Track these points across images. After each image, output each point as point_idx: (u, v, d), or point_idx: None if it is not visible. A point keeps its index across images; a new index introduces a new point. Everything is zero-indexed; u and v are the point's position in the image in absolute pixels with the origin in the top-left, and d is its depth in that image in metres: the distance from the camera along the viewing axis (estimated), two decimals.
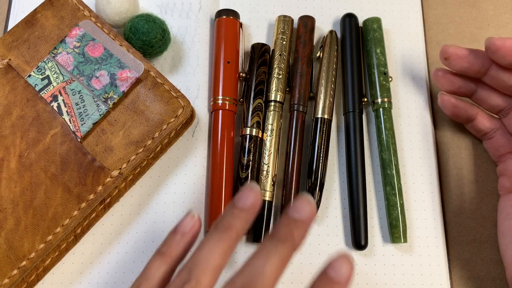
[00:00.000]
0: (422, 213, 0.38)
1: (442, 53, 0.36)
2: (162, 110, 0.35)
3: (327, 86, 0.39)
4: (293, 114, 0.39)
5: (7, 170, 0.33)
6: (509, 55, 0.33)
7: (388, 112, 0.39)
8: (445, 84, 0.38)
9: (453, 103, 0.38)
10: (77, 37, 0.36)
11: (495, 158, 0.39)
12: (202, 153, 0.38)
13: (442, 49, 0.36)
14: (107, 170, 0.33)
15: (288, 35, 0.40)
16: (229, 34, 0.40)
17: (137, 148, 0.34)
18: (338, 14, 0.43)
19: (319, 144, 0.38)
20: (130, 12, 0.38)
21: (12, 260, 0.31)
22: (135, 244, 0.36)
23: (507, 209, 0.36)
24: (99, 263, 0.36)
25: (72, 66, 0.35)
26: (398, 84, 0.42)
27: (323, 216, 0.38)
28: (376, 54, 0.40)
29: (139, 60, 0.35)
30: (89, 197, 0.33)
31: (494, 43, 0.33)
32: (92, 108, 0.34)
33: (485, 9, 0.44)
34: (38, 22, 0.37)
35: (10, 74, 0.35)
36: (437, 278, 0.37)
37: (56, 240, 0.32)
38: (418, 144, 0.40)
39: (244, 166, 0.37)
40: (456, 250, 0.38)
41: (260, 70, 0.39)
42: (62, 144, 0.33)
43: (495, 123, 0.38)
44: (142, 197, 0.37)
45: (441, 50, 0.37)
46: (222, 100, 0.38)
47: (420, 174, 0.39)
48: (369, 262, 0.37)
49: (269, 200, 0.37)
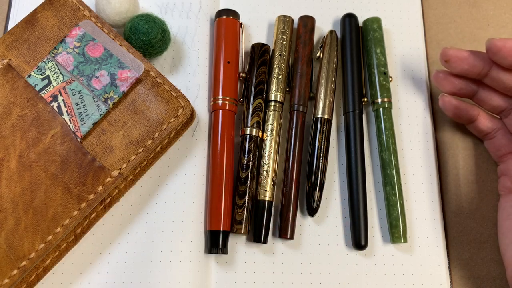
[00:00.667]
0: (422, 213, 0.38)
1: (442, 55, 0.36)
2: (162, 110, 0.35)
3: (327, 86, 0.39)
4: (293, 114, 0.39)
5: (7, 170, 0.33)
6: (510, 56, 0.33)
7: (388, 112, 0.39)
8: (446, 86, 0.38)
9: (454, 104, 0.38)
10: (77, 37, 0.36)
11: (496, 158, 0.39)
12: (202, 153, 0.38)
13: (442, 51, 0.36)
14: (107, 170, 0.33)
15: (288, 35, 0.40)
16: (229, 34, 0.40)
17: (137, 148, 0.34)
18: (338, 14, 0.43)
19: (319, 144, 0.38)
20: (130, 12, 0.38)
21: (12, 260, 0.31)
22: (135, 244, 0.36)
23: (508, 209, 0.36)
24: (99, 263, 0.36)
25: (72, 66, 0.35)
26: (398, 84, 0.42)
27: (323, 216, 0.38)
28: (376, 54, 0.40)
29: (139, 60, 0.35)
30: (89, 197, 0.33)
31: (495, 44, 0.33)
32: (92, 108, 0.34)
33: (485, 9, 0.44)
34: (38, 22, 0.37)
35: (10, 74, 0.35)
36: (437, 278, 0.37)
37: (56, 240, 0.32)
38: (418, 144, 0.40)
39: (244, 166, 0.37)
40: (456, 250, 0.38)
41: (260, 70, 0.39)
42: (62, 144, 0.33)
43: (497, 123, 0.38)
44: (142, 197, 0.37)
45: (441, 53, 0.36)
46: (222, 100, 0.38)
47: (420, 174, 0.39)
48: (369, 262, 0.37)
49: (269, 200, 0.37)
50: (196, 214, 0.37)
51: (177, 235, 0.36)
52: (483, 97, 0.37)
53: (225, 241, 0.36)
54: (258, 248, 0.37)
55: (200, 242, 0.36)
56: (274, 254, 0.37)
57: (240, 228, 0.36)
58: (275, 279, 0.36)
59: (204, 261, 0.36)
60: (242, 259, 0.37)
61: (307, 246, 0.37)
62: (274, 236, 0.37)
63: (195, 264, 0.36)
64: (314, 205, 0.37)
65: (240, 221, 0.36)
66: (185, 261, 0.36)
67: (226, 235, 0.36)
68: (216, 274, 0.36)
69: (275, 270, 0.37)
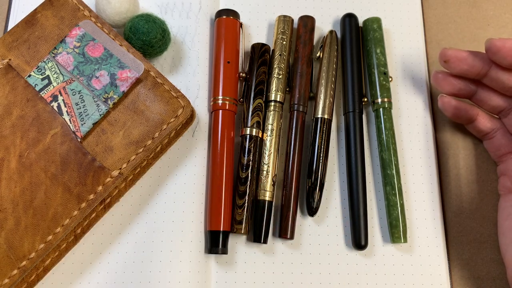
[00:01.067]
0: (422, 213, 0.38)
1: (442, 56, 0.36)
2: (162, 110, 0.35)
3: (327, 86, 0.39)
4: (293, 114, 0.39)
5: (7, 170, 0.33)
6: (509, 56, 0.33)
7: (388, 112, 0.39)
8: (445, 87, 0.38)
9: (453, 105, 0.38)
10: (77, 37, 0.36)
11: (496, 158, 0.39)
12: (202, 153, 0.38)
13: (441, 52, 0.36)
14: (107, 170, 0.33)
15: (288, 35, 0.40)
16: (229, 34, 0.40)
17: (137, 148, 0.34)
18: (338, 14, 0.43)
19: (319, 144, 0.38)
20: (130, 12, 0.38)
21: (12, 260, 0.31)
22: (135, 244, 0.36)
23: (507, 209, 0.36)
24: (99, 263, 0.36)
25: (72, 66, 0.35)
26: (398, 84, 0.42)
27: (323, 216, 0.38)
28: (376, 54, 0.40)
29: (139, 60, 0.35)
30: (89, 197, 0.33)
31: (494, 44, 0.33)
32: (92, 108, 0.34)
33: (485, 9, 0.44)
34: (38, 22, 0.37)
35: (10, 74, 0.35)
36: (437, 278, 0.37)
37: (56, 240, 0.32)
38: (418, 144, 0.40)
39: (244, 166, 0.37)
40: (456, 250, 0.38)
41: (260, 70, 0.39)
42: (62, 144, 0.33)
43: (496, 123, 0.38)
44: (142, 197, 0.37)
45: (440, 53, 0.36)
46: (222, 100, 0.38)
47: (420, 174, 0.39)
48: (369, 262, 0.37)
49: (269, 200, 0.37)
50: (196, 214, 0.37)
51: (177, 235, 0.36)
52: (482, 97, 0.37)
53: (225, 241, 0.36)
54: (258, 248, 0.37)
55: (200, 242, 0.36)
56: (274, 254, 0.37)
57: (240, 228, 0.36)
58: (275, 279, 0.36)
59: (204, 261, 0.36)
60: (242, 259, 0.37)
61: (307, 246, 0.37)
62: (274, 236, 0.37)
63: (195, 264, 0.36)
64: (314, 205, 0.37)
65: (240, 221, 0.36)
66: (185, 261, 0.36)
67: (226, 235, 0.36)
68: (216, 274, 0.36)
69: (275, 270, 0.37)
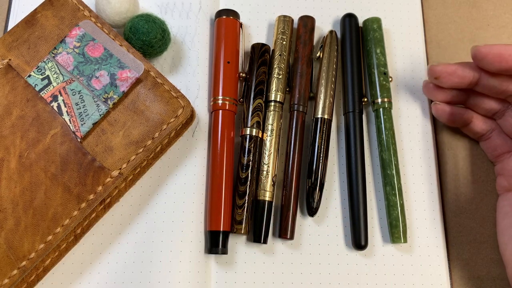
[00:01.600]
0: (422, 213, 0.38)
1: (431, 73, 0.36)
2: (162, 110, 0.35)
3: (327, 86, 0.39)
4: (293, 114, 0.39)
5: (7, 170, 0.33)
6: (496, 62, 0.33)
7: (388, 112, 0.39)
8: (438, 96, 0.38)
9: (447, 111, 0.38)
10: (77, 37, 0.36)
11: (493, 158, 0.39)
12: (202, 153, 0.38)
13: (430, 69, 0.36)
14: (107, 170, 0.33)
15: (288, 35, 0.40)
16: (229, 34, 0.40)
17: (137, 148, 0.34)
18: (338, 14, 0.43)
19: (319, 144, 0.38)
20: (130, 12, 0.38)
21: (12, 260, 0.31)
22: (135, 244, 0.36)
23: (505, 208, 0.36)
24: (99, 263, 0.36)
25: (72, 66, 0.35)
26: (398, 84, 0.42)
27: (323, 216, 0.38)
28: (376, 54, 0.40)
29: (139, 60, 0.35)
30: (89, 197, 0.33)
31: (480, 50, 0.33)
32: (92, 108, 0.34)
33: (485, 9, 0.44)
34: (38, 22, 0.37)
35: (10, 74, 0.35)
36: (437, 278, 0.37)
37: (56, 240, 0.32)
38: (418, 144, 0.40)
39: (244, 166, 0.37)
40: (456, 250, 0.38)
41: (260, 70, 0.39)
42: (62, 144, 0.33)
43: (491, 124, 0.38)
44: (142, 197, 0.37)
45: (429, 70, 0.36)
46: (222, 100, 0.38)
47: (420, 174, 0.39)
48: (369, 262, 0.37)
49: (269, 200, 0.37)
50: (196, 214, 0.37)
51: (177, 235, 0.36)
52: (475, 102, 0.37)
53: (225, 241, 0.36)
54: (258, 248, 0.37)
55: (200, 242, 0.36)
56: (274, 254, 0.37)
57: (240, 228, 0.36)
58: (275, 279, 0.36)
59: (204, 261, 0.36)
60: (242, 259, 0.37)
61: (307, 246, 0.37)
62: (274, 236, 0.37)
63: (195, 264, 0.36)
64: (314, 205, 0.37)
65: (240, 221, 0.36)
66: (185, 261, 0.36)
67: (226, 235, 0.36)
68: (216, 274, 0.36)
69: (275, 270, 0.37)
